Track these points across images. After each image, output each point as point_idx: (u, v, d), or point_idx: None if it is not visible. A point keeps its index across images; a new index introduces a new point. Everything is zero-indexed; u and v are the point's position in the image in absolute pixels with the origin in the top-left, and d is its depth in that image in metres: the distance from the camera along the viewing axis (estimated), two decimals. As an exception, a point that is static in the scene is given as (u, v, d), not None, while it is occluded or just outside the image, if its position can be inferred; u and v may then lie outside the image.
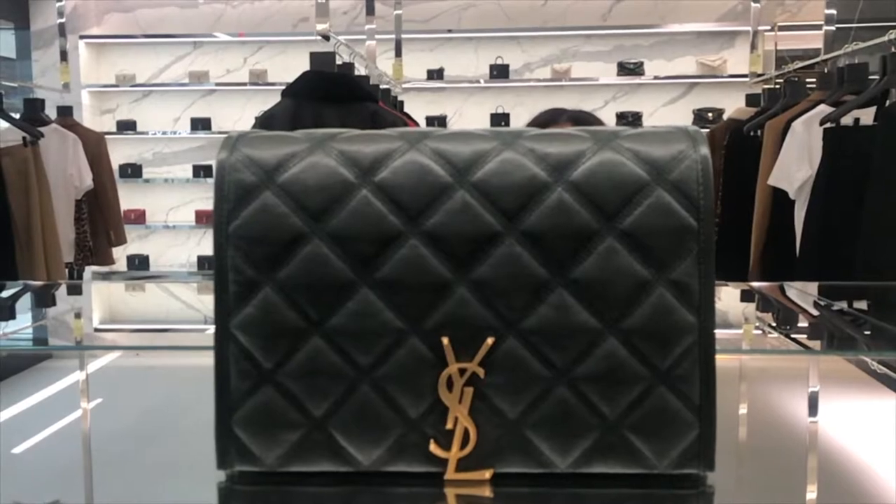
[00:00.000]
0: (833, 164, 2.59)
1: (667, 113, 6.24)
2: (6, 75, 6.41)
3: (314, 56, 2.56)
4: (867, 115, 2.71)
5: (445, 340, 0.52)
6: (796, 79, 3.44)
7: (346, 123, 2.46)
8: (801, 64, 3.74)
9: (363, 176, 0.53)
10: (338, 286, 0.53)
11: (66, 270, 3.52)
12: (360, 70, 3.33)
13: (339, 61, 2.74)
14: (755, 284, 2.21)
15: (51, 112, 4.00)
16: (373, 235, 0.53)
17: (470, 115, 6.34)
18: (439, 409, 0.53)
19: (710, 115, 6.06)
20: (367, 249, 0.53)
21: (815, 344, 1.27)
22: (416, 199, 0.53)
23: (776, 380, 1.07)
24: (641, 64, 6.16)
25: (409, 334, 0.53)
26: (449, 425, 0.52)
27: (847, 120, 2.66)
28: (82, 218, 3.69)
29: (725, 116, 5.84)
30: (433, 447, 0.53)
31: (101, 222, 3.91)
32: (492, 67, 6.19)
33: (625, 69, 6.16)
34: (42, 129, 3.48)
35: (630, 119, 6.12)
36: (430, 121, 6.16)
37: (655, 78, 6.15)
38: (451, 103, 6.36)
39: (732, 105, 5.54)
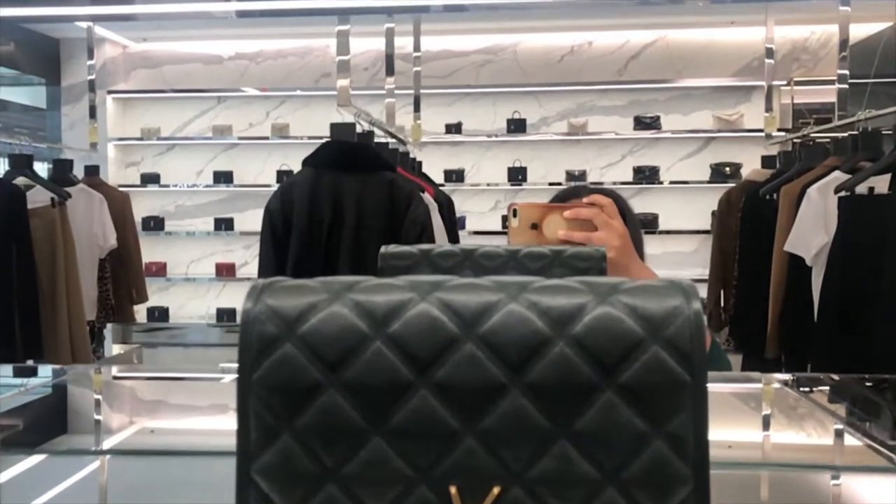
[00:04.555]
0: (848, 233, 2.60)
1: (684, 167, 6.29)
2: (37, 124, 6.60)
3: (334, 127, 2.63)
4: (882, 182, 2.73)
5: (453, 489, 0.55)
6: (811, 143, 3.47)
7: (364, 192, 2.51)
8: (814, 129, 3.77)
9: (376, 328, 0.57)
10: (351, 435, 0.56)
11: (88, 328, 3.58)
12: (379, 134, 3.41)
13: (358, 129, 2.81)
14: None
15: (78, 166, 4.10)
16: (385, 386, 0.56)
17: (487, 169, 6.42)
18: (447, 554, 0.55)
19: (727, 169, 6.10)
20: (379, 400, 0.56)
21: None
22: (425, 351, 0.56)
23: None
24: (658, 118, 6.22)
25: (419, 482, 0.55)
26: (457, 570, 0.55)
27: (862, 188, 2.68)
28: (105, 276, 3.76)
29: (742, 172, 5.88)
30: (441, 590, 0.55)
31: (123, 280, 3.99)
32: (509, 122, 6.28)
33: (641, 123, 6.22)
34: (69, 189, 3.58)
35: (647, 173, 6.17)
36: (448, 174, 6.24)
37: (672, 132, 6.21)
38: (469, 157, 6.44)
39: (750, 159, 5.57)
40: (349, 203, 2.47)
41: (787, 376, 1.81)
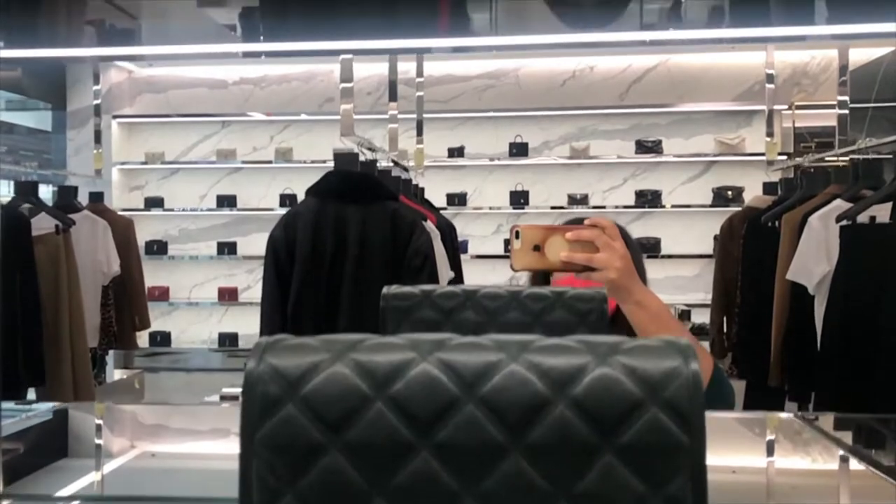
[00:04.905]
0: (850, 262, 2.61)
1: (686, 191, 6.30)
2: (43, 147, 6.65)
3: (338, 156, 2.65)
4: (883, 211, 2.74)
5: (454, 551, 0.55)
6: (812, 170, 3.49)
7: (367, 222, 2.53)
8: (816, 155, 3.79)
9: (377, 388, 0.57)
10: (353, 496, 0.56)
11: (90, 355, 3.58)
12: (382, 162, 3.43)
13: (362, 158, 2.83)
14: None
15: (83, 191, 4.12)
16: (386, 447, 0.56)
17: (489, 193, 6.43)
18: None
19: (729, 193, 6.11)
20: (380, 461, 0.56)
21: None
22: (426, 412, 0.57)
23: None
24: (660, 142, 6.24)
25: (420, 545, 0.56)
26: None
27: (863, 217, 2.68)
28: (108, 303, 3.77)
29: (745, 196, 5.89)
30: None
31: (126, 307, 3.99)
32: (511, 146, 6.31)
33: (643, 147, 6.24)
34: (73, 215, 3.60)
35: (649, 197, 6.18)
36: (451, 198, 6.26)
37: (674, 156, 6.22)
38: (471, 181, 6.46)
39: (752, 182, 5.58)
40: (352, 233, 2.48)
41: (790, 415, 1.81)
